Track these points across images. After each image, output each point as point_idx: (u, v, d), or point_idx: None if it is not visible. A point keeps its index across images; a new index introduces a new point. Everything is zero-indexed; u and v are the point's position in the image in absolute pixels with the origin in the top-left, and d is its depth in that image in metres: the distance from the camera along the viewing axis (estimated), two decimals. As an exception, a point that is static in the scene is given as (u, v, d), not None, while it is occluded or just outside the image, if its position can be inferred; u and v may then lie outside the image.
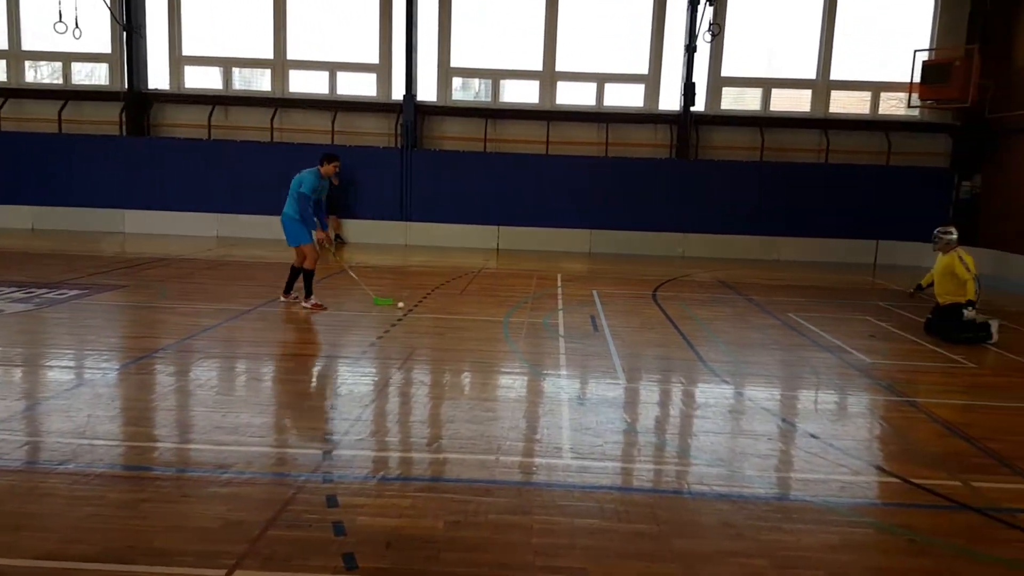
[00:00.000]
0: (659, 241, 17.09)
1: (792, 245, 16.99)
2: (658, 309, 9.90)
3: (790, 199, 16.94)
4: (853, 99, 17.25)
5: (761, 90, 17.23)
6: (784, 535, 3.72)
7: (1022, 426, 5.66)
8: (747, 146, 17.15)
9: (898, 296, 11.97)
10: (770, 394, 6.31)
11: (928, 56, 16.29)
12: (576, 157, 17.09)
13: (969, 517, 4.02)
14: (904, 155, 17.04)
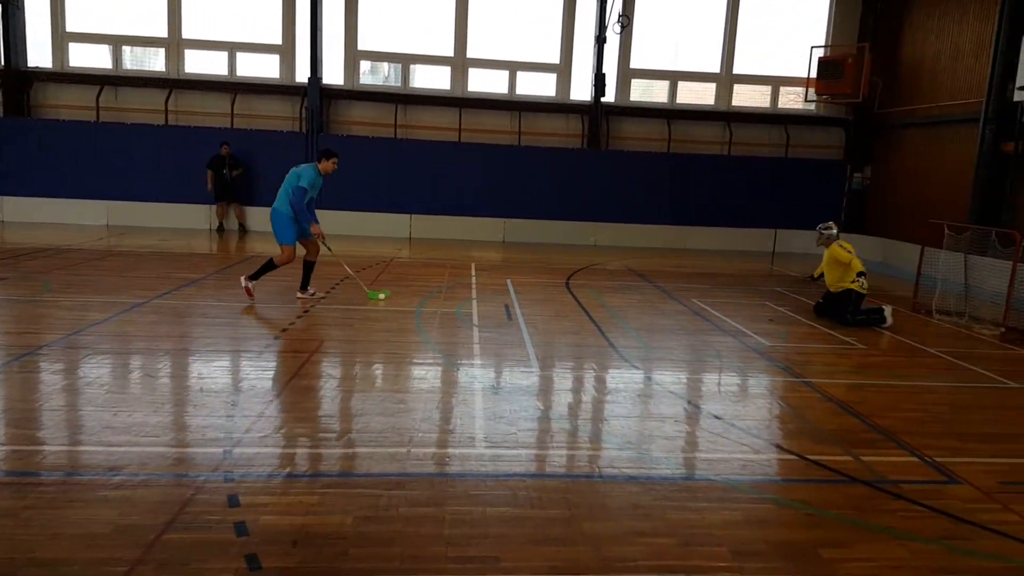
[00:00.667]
0: (572, 230, 17.29)
1: (698, 234, 17.55)
2: (571, 297, 10.02)
3: (696, 189, 17.48)
4: (754, 93, 17.95)
5: (668, 83, 17.67)
6: (690, 513, 3.83)
7: (907, 403, 6.04)
8: (656, 137, 17.56)
9: (795, 282, 12.58)
10: (677, 378, 6.49)
11: (823, 53, 17.13)
12: (489, 145, 17.04)
13: (860, 490, 4.26)
14: (801, 147, 17.90)
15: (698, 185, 17.46)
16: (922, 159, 15.66)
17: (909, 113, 16.08)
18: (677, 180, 17.41)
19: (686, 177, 17.41)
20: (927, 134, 15.54)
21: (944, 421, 5.60)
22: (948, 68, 14.96)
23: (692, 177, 17.42)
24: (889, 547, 3.58)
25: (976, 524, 3.87)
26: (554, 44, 17.23)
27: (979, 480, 4.45)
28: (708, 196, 17.51)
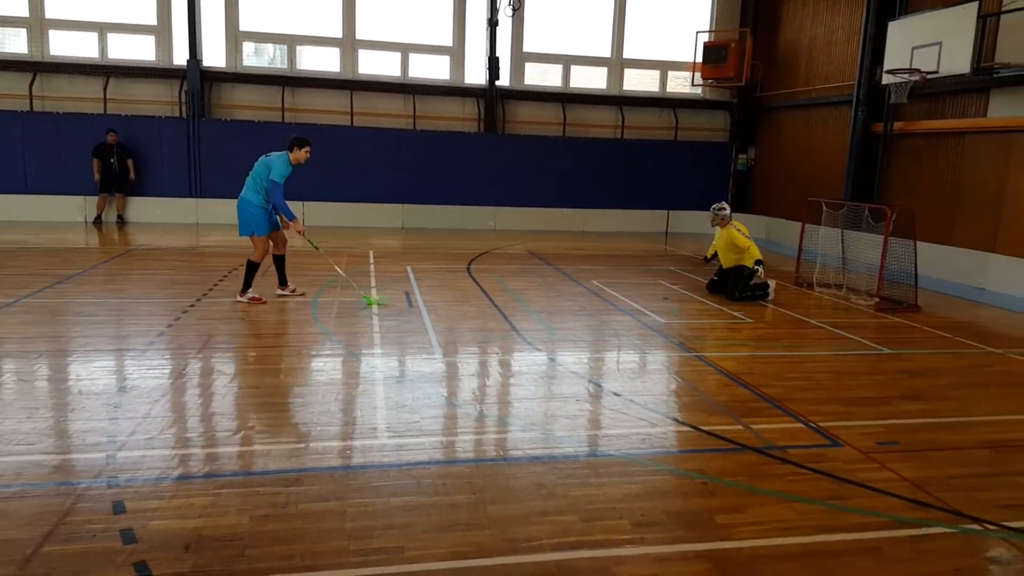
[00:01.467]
0: (472, 215, 17.24)
1: (596, 216, 17.91)
2: (473, 282, 9.99)
3: (592, 173, 17.81)
4: (644, 78, 18.42)
5: (561, 67, 17.85)
6: (592, 489, 3.90)
7: (792, 372, 6.38)
8: (551, 121, 17.73)
9: (688, 261, 13.07)
10: (578, 358, 6.59)
11: (708, 38, 17.77)
12: (384, 129, 16.69)
13: (750, 456, 4.46)
14: (690, 130, 18.54)
15: (594, 168, 17.79)
16: (801, 140, 16.55)
17: (789, 96, 16.94)
18: (573, 163, 17.67)
19: (582, 160, 17.69)
20: (805, 116, 16.43)
21: (826, 388, 5.95)
22: (823, 52, 15.85)
23: (588, 160, 17.72)
24: (778, 509, 3.77)
25: (856, 483, 4.13)
26: (447, 26, 17.03)
27: (858, 442, 4.75)
28: (604, 179, 17.89)
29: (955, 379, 6.37)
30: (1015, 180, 11.04)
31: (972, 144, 11.88)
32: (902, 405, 5.57)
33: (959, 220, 12.04)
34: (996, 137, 11.35)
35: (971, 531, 3.64)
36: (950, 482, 4.18)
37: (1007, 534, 3.60)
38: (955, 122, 12.18)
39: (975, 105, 11.94)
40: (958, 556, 3.39)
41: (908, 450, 4.66)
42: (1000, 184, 11.26)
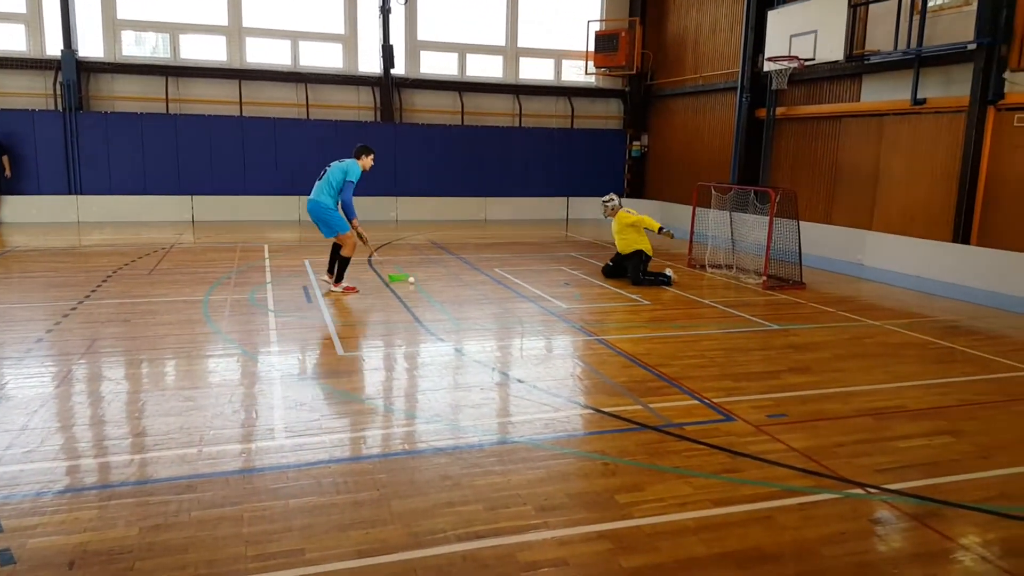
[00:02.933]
0: (372, 205, 16.84)
1: (497, 205, 17.96)
2: (374, 274, 9.79)
3: (492, 161, 17.83)
4: (539, 66, 18.57)
5: (457, 55, 17.73)
6: (496, 477, 3.89)
7: (688, 351, 6.59)
8: (449, 109, 17.61)
9: (588, 247, 13.30)
10: (482, 346, 6.57)
11: (600, 27, 18.09)
12: (276, 119, 16.09)
13: (650, 436, 4.57)
14: (585, 118, 18.87)
15: (493, 156, 17.81)
16: (691, 126, 17.15)
17: (678, 83, 17.50)
18: (473, 152, 17.63)
19: (481, 149, 17.68)
20: (694, 103, 17.03)
21: (720, 364, 6.18)
22: (708, 41, 16.45)
23: (487, 149, 17.73)
24: (676, 485, 3.88)
25: (749, 455, 4.30)
26: (338, 14, 16.57)
27: (750, 415, 4.96)
28: (503, 167, 17.95)
29: (838, 351, 6.76)
30: (886, 160, 11.84)
31: (848, 127, 12.64)
32: (790, 378, 5.86)
33: (838, 200, 12.81)
34: (869, 120, 12.13)
35: (854, 495, 3.86)
36: (835, 450, 4.43)
37: (887, 496, 3.85)
38: (832, 107, 12.92)
39: (849, 90, 12.72)
40: (843, 520, 3.58)
41: (796, 421, 4.90)
42: (874, 165, 12.05)
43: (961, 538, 3.45)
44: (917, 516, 3.65)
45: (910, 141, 11.41)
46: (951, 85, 10.61)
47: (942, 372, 6.19)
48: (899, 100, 11.42)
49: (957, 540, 3.43)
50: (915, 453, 4.43)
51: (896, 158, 11.66)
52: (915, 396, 5.53)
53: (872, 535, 3.47)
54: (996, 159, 10.00)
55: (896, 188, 11.67)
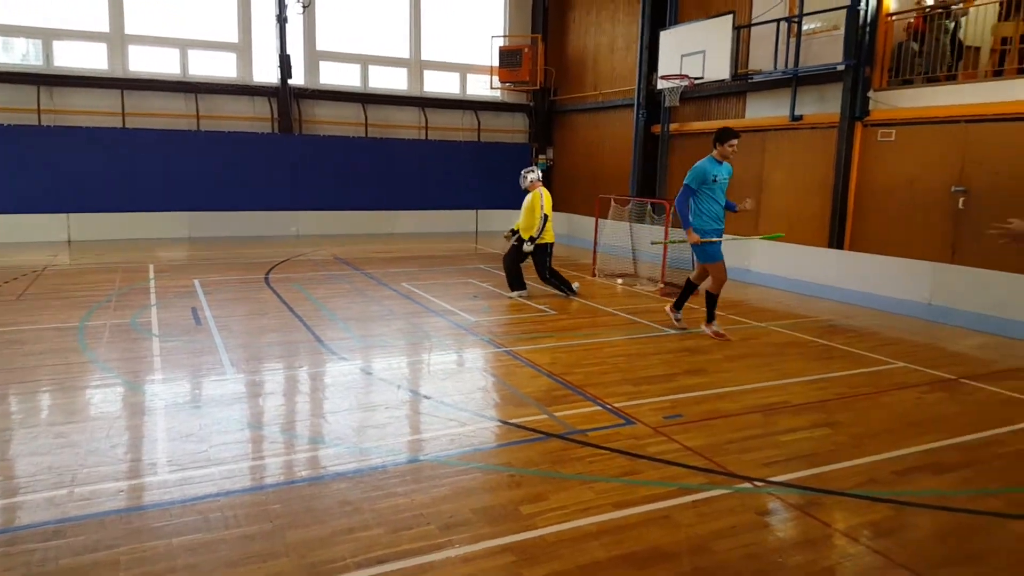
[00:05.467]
0: (270, 221, 16.37)
1: (404, 218, 17.78)
2: (272, 293, 9.45)
3: (398, 174, 17.65)
4: (445, 79, 18.58)
5: (359, 66, 17.50)
6: (399, 499, 3.80)
7: (591, 358, 6.70)
8: (352, 121, 17.33)
9: (498, 259, 13.34)
10: (388, 364, 6.44)
11: (503, 43, 18.30)
12: (163, 131, 15.33)
13: (554, 444, 4.60)
14: (492, 132, 19.00)
15: (399, 169, 17.65)
16: (593, 140, 17.59)
17: (580, 99, 17.92)
18: (378, 165, 17.41)
19: (387, 161, 17.49)
20: (595, 118, 17.48)
21: (621, 370, 6.32)
22: (607, 59, 16.94)
23: (393, 161, 17.55)
24: (579, 492, 3.92)
25: (647, 457, 4.40)
26: (231, 22, 16.02)
27: (649, 418, 5.08)
28: (410, 180, 17.81)
29: (729, 353, 7.05)
30: (769, 172, 12.51)
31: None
32: (685, 380, 6.05)
33: (728, 210, 13.40)
34: (753, 135, 12.77)
35: (744, 490, 4.02)
36: (726, 447, 4.60)
37: (773, 488, 4.02)
38: (719, 123, 13.52)
39: (735, 107, 13.37)
40: (733, 514, 3.72)
41: (691, 421, 5.06)
42: (758, 177, 12.69)
43: (837, 523, 3.66)
44: (799, 506, 3.84)
45: (790, 155, 12.11)
46: (825, 103, 11.34)
47: (822, 368, 6.57)
48: (779, 116, 12.10)
49: (834, 526, 3.64)
50: (798, 446, 4.66)
51: (778, 170, 12.34)
52: (798, 392, 5.83)
53: (760, 527, 3.62)
54: (864, 171, 10.75)
55: (778, 198, 12.34)
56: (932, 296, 8.94)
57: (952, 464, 4.45)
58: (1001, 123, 8.92)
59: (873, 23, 10.38)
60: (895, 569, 3.26)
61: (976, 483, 4.15)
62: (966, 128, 9.36)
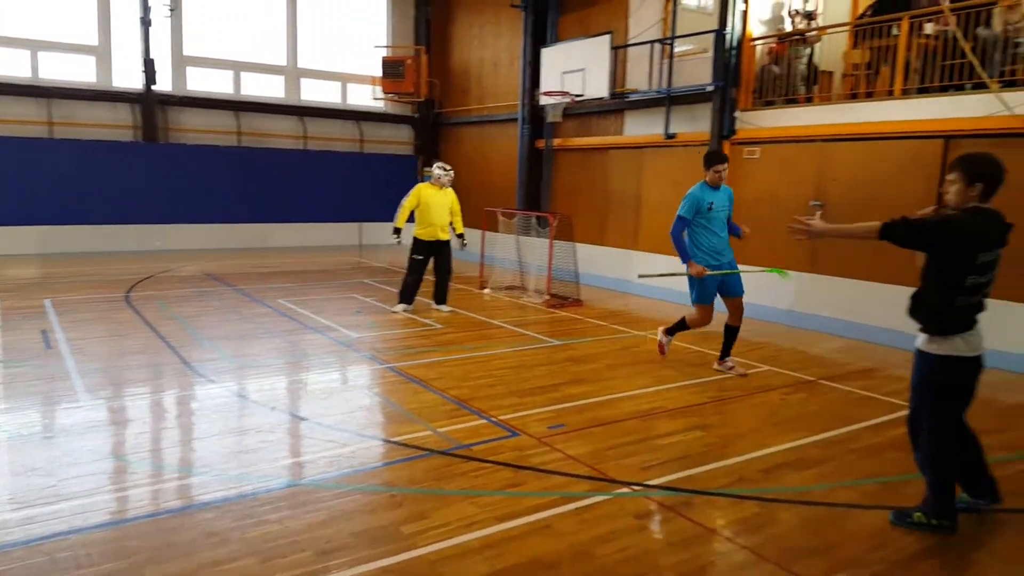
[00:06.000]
0: (131, 235, 15.28)
1: (282, 231, 17.11)
2: (133, 312, 8.80)
3: (275, 185, 16.97)
4: (324, 88, 18.13)
5: (232, 72, 16.77)
6: (271, 526, 3.61)
7: (478, 372, 6.66)
8: (224, 130, 16.54)
9: (382, 273, 13.11)
10: (261, 385, 6.13)
11: (386, 53, 18.09)
12: (9, 138, 14.01)
13: (438, 460, 4.52)
14: (375, 143, 18.69)
15: (277, 180, 16.97)
16: (479, 154, 17.67)
17: (465, 112, 17.98)
18: (253, 175, 16.65)
19: (263, 172, 16.78)
20: (481, 132, 17.58)
21: (507, 382, 6.32)
22: (491, 73, 17.10)
23: (269, 172, 16.86)
24: (462, 507, 3.86)
25: (530, 468, 4.41)
26: (90, 23, 14.94)
27: (533, 429, 5.10)
28: (289, 191, 17.17)
29: (611, 361, 7.23)
30: (647, 188, 13.01)
31: (614, 158, 13.72)
32: (569, 390, 6.14)
33: (609, 223, 13.83)
34: (631, 152, 13.26)
35: (622, 494, 4.10)
36: (607, 453, 4.68)
37: (650, 492, 4.12)
38: (600, 139, 13.97)
39: (614, 124, 13.83)
40: (612, 519, 3.79)
41: (574, 430, 5.13)
42: (637, 192, 13.17)
43: (708, 522, 3.81)
44: (674, 507, 3.97)
45: (665, 171, 12.65)
46: (696, 122, 11.94)
47: (696, 373, 6.86)
48: (655, 134, 12.63)
49: (706, 525, 3.78)
50: (672, 449, 4.83)
51: (654, 186, 12.86)
52: (673, 397, 6.06)
53: (637, 530, 3.71)
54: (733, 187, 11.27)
55: (656, 212, 12.85)
56: (794, 303, 9.58)
57: (813, 460, 4.74)
58: (853, 142, 9.70)
59: (738, 47, 11.05)
60: (762, 564, 3.41)
61: (833, 477, 4.44)
62: (822, 146, 10.11)
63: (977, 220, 3.49)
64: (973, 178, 3.51)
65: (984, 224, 3.49)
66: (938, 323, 3.59)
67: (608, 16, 13.66)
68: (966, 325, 3.58)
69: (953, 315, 3.55)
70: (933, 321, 3.61)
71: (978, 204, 3.54)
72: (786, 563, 3.41)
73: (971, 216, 3.50)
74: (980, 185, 3.50)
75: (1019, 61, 8.49)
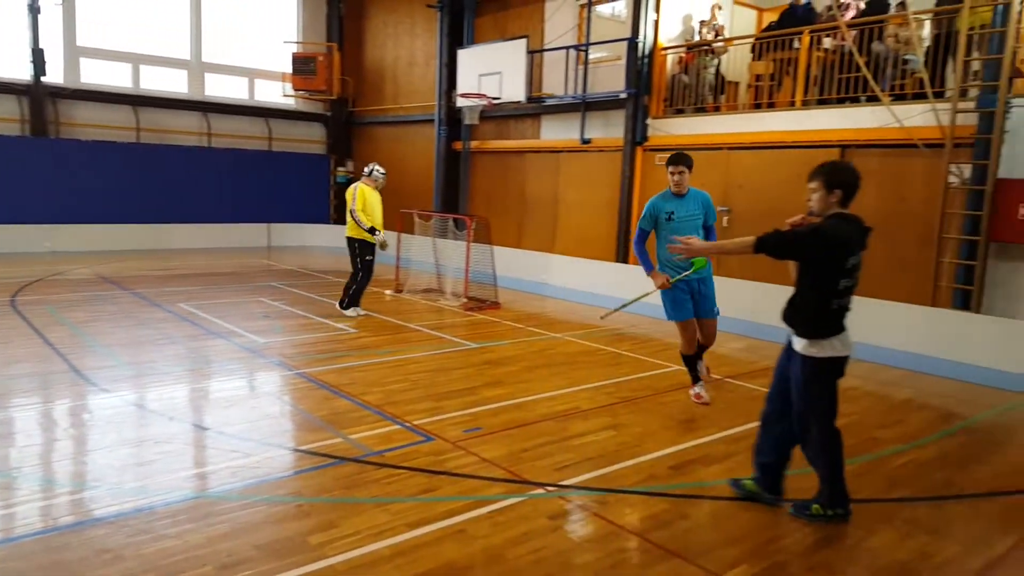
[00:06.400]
0: (18, 235, 14.24)
1: (184, 232, 16.33)
2: (19, 318, 8.19)
3: (178, 184, 16.19)
4: (231, 83, 17.47)
5: (131, 65, 15.93)
6: (170, 541, 3.41)
7: (393, 376, 6.54)
8: (121, 125, 15.68)
9: (291, 275, 12.72)
10: (159, 394, 5.81)
11: (297, 49, 17.61)
12: None
13: (349, 468, 4.40)
14: (286, 141, 18.15)
15: (179, 179, 16.20)
16: (396, 154, 17.43)
17: (380, 112, 17.73)
18: (153, 173, 15.85)
19: (164, 170, 15.98)
20: (397, 132, 17.37)
21: (423, 387, 6.23)
22: (407, 73, 16.93)
23: (171, 170, 16.08)
24: (373, 515, 3.76)
25: (445, 472, 4.36)
26: (-30, 8, 13.88)
27: (448, 433, 5.05)
28: (192, 190, 16.42)
29: (527, 364, 7.26)
30: (563, 192, 13.18)
31: (532, 162, 13.84)
32: (486, 392, 6.12)
33: (527, 226, 13.93)
34: (548, 156, 13.41)
35: (537, 496, 4.10)
36: (522, 455, 4.68)
37: (564, 492, 4.14)
38: (517, 142, 14.06)
39: (531, 128, 13.96)
40: (526, 521, 3.78)
41: (489, 433, 5.10)
42: (554, 195, 13.33)
43: (620, 520, 3.87)
44: (587, 507, 4.01)
45: (581, 175, 12.86)
46: (610, 128, 12.19)
47: (609, 374, 6.97)
48: (571, 139, 12.82)
49: (617, 523, 3.84)
50: (586, 449, 4.88)
51: (571, 190, 13.05)
52: (588, 397, 6.13)
53: (551, 530, 3.72)
54: (645, 192, 11.68)
55: (572, 216, 13.05)
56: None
57: (719, 456, 4.89)
58: (757, 150, 10.13)
59: (650, 56, 11.36)
60: (671, 559, 3.48)
61: (738, 472, 4.58)
62: (728, 154, 10.52)
63: (842, 226, 3.67)
64: (832, 185, 3.70)
65: (848, 229, 3.68)
66: (816, 327, 3.76)
67: (524, 20, 13.78)
68: (840, 327, 3.77)
69: (829, 318, 3.74)
70: (811, 325, 3.77)
71: (840, 210, 3.72)
72: (693, 557, 3.50)
73: (836, 222, 3.68)
74: (839, 192, 3.69)
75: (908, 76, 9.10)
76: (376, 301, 10.31)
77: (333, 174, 18.76)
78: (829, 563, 3.54)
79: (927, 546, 3.75)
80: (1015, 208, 7.94)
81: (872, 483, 4.54)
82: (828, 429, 3.85)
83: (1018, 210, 7.91)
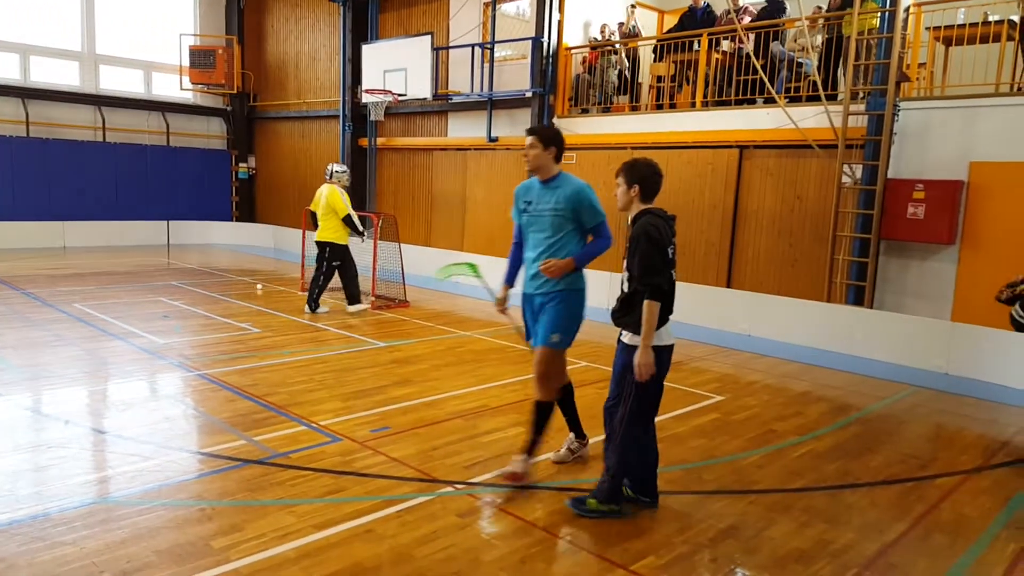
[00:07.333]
0: None
1: (79, 230, 15.51)
2: None
3: (71, 180, 15.35)
4: (126, 76, 16.65)
5: (19, 56, 14.94)
6: (65, 549, 3.34)
7: (298, 377, 6.49)
8: (10, 119, 14.71)
9: (192, 274, 12.31)
10: (53, 397, 5.58)
11: (194, 42, 16.95)
12: None
13: (253, 470, 4.38)
14: (184, 136, 17.47)
15: (72, 174, 15.38)
16: (299, 150, 17.11)
17: (282, 107, 17.32)
18: (44, 169, 15.00)
19: (56, 165, 15.14)
20: (300, 127, 17.02)
21: (329, 387, 6.22)
22: (310, 68, 16.60)
23: (63, 165, 15.25)
24: (278, 517, 3.78)
25: (352, 473, 4.40)
26: None
27: (356, 433, 5.08)
28: (86, 186, 15.62)
29: (436, 362, 7.34)
30: (471, 190, 13.31)
31: (439, 159, 13.89)
32: (394, 392, 6.17)
33: (436, 224, 13.99)
34: (455, 153, 13.50)
35: (446, 494, 4.21)
36: (431, 454, 4.78)
37: (473, 489, 4.27)
38: (424, 140, 14.08)
39: (438, 126, 14.00)
40: (434, 519, 3.87)
41: (398, 432, 5.17)
42: (462, 193, 13.44)
43: (529, 516, 3.99)
44: (496, 503, 4.13)
45: (488, 173, 13.02)
46: (516, 126, 12.41)
47: (517, 371, 7.14)
48: (478, 137, 12.96)
49: (526, 518, 3.96)
50: (495, 446, 5.02)
51: (479, 188, 13.19)
52: (496, 395, 6.29)
53: (459, 528, 3.81)
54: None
55: (480, 214, 13.20)
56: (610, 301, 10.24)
57: (618, 446, 5.12)
58: (660, 150, 10.52)
59: (555, 55, 11.63)
60: (579, 552, 3.64)
61: (635, 460, 4.83)
62: (632, 154, 10.91)
63: (656, 220, 3.88)
64: (632, 181, 3.95)
65: (662, 222, 3.89)
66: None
67: (429, 17, 13.82)
68: (666, 318, 3.91)
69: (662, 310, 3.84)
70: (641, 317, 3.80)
71: (645, 206, 3.95)
72: (601, 550, 3.64)
73: (650, 218, 3.88)
74: (637, 187, 3.94)
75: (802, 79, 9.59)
76: (284, 300, 10.13)
77: (235, 170, 18.20)
78: (731, 553, 3.67)
79: (825, 533, 3.93)
80: (904, 207, 8.36)
81: (771, 474, 4.75)
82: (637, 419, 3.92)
83: (907, 209, 8.35)
